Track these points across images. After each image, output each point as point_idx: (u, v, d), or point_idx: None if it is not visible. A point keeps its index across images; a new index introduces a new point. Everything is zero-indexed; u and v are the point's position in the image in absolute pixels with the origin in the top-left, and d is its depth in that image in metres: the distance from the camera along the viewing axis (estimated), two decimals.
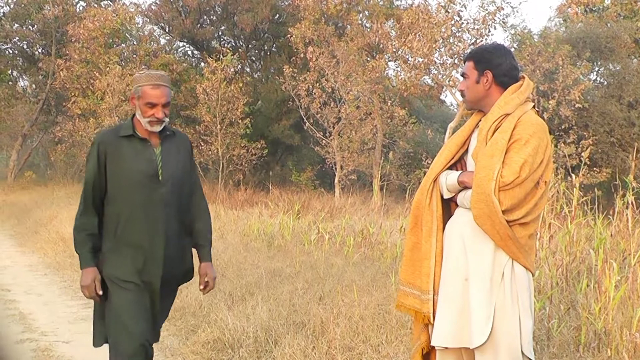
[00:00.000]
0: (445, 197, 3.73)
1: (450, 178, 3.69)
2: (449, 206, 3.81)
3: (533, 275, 3.68)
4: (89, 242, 4.07)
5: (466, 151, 3.79)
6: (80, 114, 25.58)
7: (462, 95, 3.80)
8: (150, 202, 4.09)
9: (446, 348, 3.62)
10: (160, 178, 4.11)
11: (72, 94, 26.06)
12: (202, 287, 4.37)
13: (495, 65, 3.66)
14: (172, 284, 4.27)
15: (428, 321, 3.69)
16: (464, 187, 3.64)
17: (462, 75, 3.77)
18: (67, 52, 26.59)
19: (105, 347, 4.14)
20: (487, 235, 3.50)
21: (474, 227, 3.55)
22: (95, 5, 29.22)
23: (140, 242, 4.07)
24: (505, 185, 3.44)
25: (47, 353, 6.32)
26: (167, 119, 4.15)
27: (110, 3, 29.67)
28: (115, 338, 4.02)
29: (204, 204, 4.43)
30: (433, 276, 3.69)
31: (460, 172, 3.70)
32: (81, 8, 29.99)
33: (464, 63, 3.79)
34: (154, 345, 4.24)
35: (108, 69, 24.46)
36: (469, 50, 3.89)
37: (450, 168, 3.77)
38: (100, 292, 4.03)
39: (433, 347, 3.71)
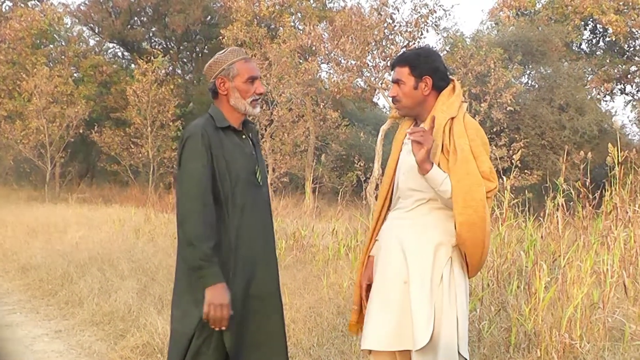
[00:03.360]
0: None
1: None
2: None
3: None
4: (215, 255, 3.34)
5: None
6: (7, 115, 25.16)
7: (395, 101, 3.69)
8: (257, 205, 3.55)
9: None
10: (258, 176, 3.59)
11: None
12: None
13: (434, 71, 3.59)
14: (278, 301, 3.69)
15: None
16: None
17: (396, 81, 3.64)
18: None
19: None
20: (465, 243, 3.44)
21: (414, 230, 3.53)
22: (22, 5, 28.62)
23: (255, 253, 3.52)
24: (490, 190, 3.43)
25: None
26: None
27: (38, 3, 29.17)
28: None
29: None
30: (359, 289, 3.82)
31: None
32: (7, 8, 29.41)
33: (395, 68, 3.66)
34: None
35: (35, 70, 24.16)
36: (399, 54, 3.75)
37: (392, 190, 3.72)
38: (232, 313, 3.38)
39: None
